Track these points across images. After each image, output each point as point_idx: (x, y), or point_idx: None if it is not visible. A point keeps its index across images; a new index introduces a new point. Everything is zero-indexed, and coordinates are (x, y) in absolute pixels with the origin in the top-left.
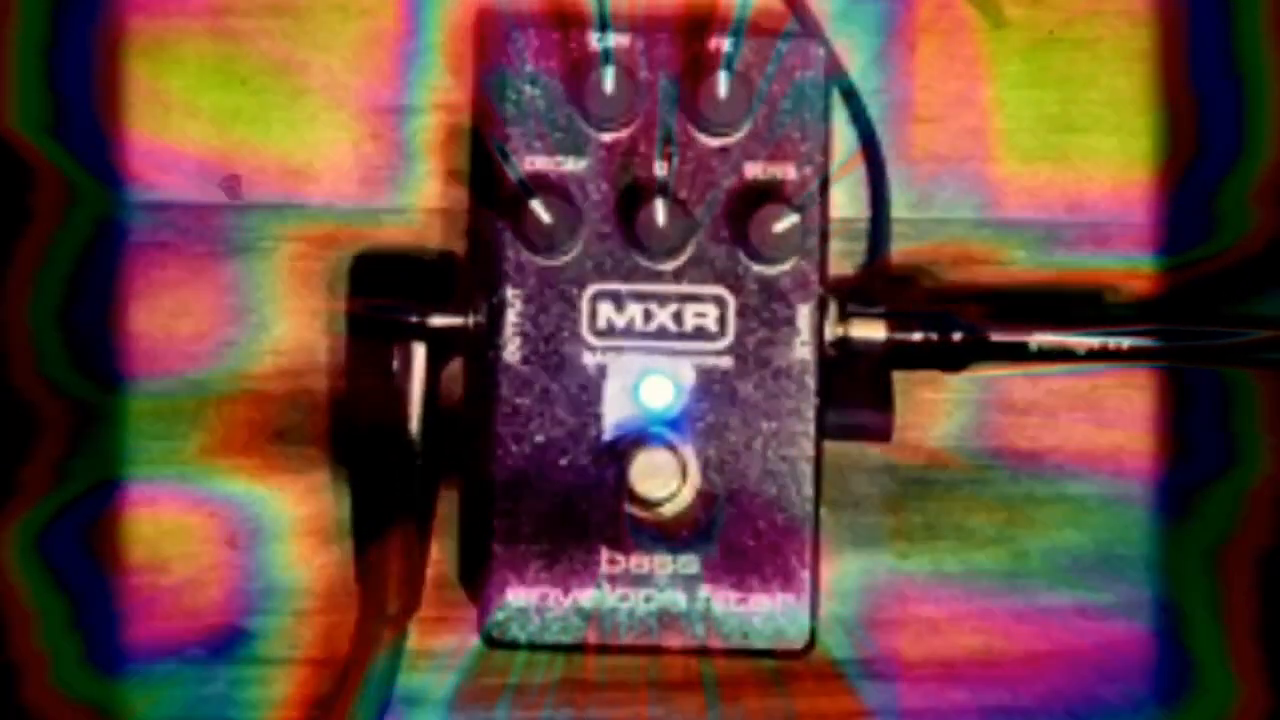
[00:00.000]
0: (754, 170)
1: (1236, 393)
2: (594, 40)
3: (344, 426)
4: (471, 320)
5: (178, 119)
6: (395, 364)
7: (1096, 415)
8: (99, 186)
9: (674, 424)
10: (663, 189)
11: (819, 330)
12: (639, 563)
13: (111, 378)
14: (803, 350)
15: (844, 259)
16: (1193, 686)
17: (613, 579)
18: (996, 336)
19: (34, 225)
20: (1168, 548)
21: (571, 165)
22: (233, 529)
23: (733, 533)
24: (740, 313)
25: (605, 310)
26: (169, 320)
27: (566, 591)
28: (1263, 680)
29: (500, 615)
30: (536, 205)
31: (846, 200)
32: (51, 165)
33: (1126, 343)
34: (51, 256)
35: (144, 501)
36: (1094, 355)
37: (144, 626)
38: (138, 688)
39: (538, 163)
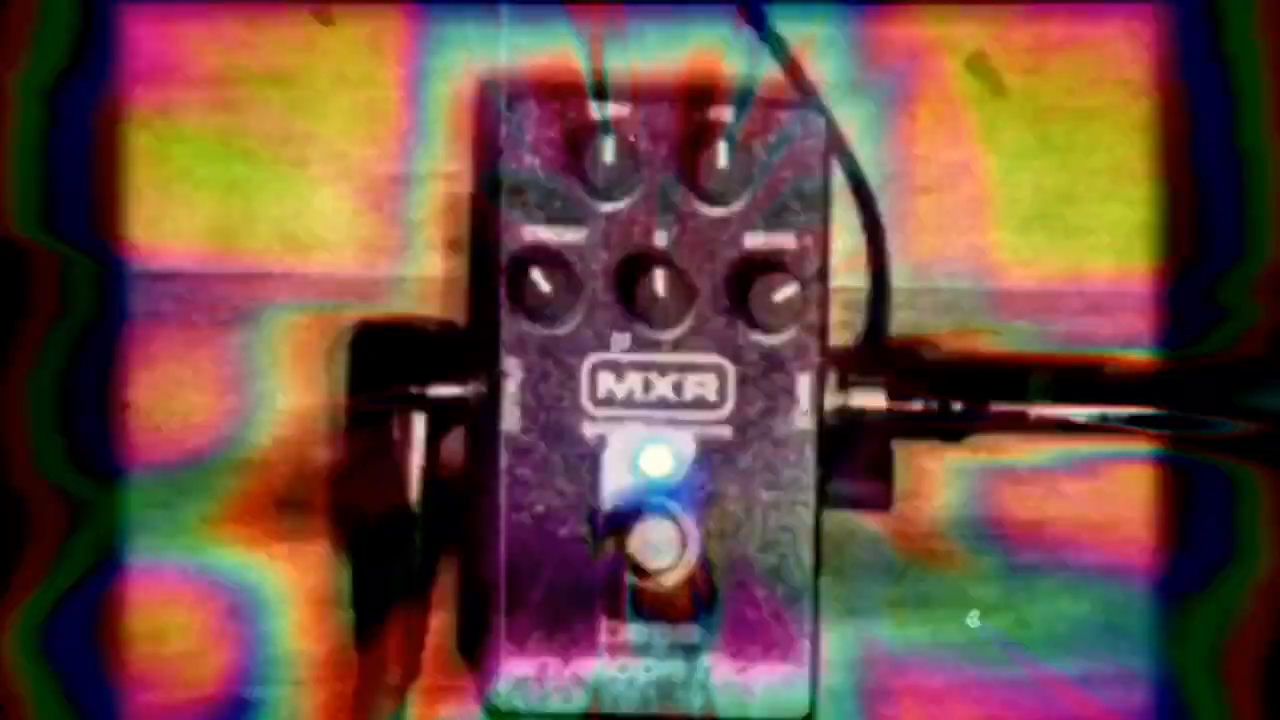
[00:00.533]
0: (754, 240)
1: (1238, 486)
2: (594, 110)
3: (344, 496)
4: (472, 390)
5: (178, 189)
6: (395, 434)
7: (1097, 486)
8: (99, 256)
9: (674, 494)
10: (663, 259)
11: (819, 400)
12: (639, 632)
13: (112, 448)
14: (803, 420)
15: (844, 329)
16: None
17: (613, 648)
18: (996, 407)
19: (33, 309)
20: (1168, 621)
21: (571, 235)
22: None
23: (733, 602)
24: (740, 382)
25: (605, 380)
26: (169, 390)
27: (566, 661)
28: None
29: (501, 684)
30: (536, 275)
31: (846, 270)
32: (49, 242)
33: (1126, 415)
34: (51, 337)
35: (145, 572)
36: (1093, 427)
37: (146, 697)
38: None
39: (538, 232)
